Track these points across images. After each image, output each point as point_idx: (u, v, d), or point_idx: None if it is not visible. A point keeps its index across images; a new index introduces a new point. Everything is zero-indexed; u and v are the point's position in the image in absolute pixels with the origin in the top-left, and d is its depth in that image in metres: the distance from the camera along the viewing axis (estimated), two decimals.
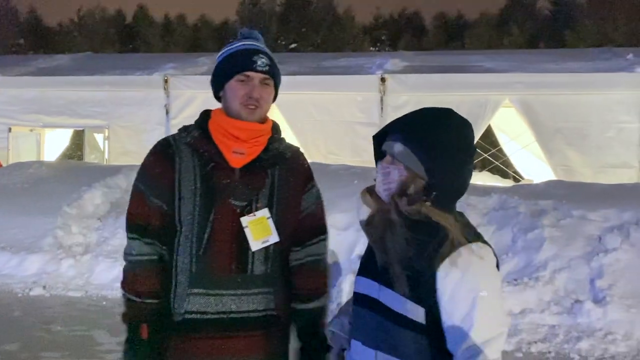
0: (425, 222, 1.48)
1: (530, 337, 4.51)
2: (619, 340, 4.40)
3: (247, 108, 1.79)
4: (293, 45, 28.59)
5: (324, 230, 1.95)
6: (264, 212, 1.79)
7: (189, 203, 1.76)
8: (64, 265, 6.25)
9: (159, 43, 28.42)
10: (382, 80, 8.88)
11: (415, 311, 1.46)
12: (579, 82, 8.48)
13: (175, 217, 1.78)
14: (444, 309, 1.45)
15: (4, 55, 18.64)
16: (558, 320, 4.62)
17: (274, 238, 1.79)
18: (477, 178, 10.23)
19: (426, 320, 1.46)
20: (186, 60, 11.54)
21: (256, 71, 1.79)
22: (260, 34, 1.95)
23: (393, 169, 1.53)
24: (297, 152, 1.94)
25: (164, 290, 1.80)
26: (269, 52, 1.86)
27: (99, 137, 10.57)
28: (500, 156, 10.99)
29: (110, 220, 6.84)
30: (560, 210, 5.44)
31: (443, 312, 1.45)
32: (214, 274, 1.76)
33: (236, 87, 1.79)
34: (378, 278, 1.55)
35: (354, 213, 1.68)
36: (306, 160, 1.96)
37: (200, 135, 1.82)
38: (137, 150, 8.98)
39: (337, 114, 9.15)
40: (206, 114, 1.88)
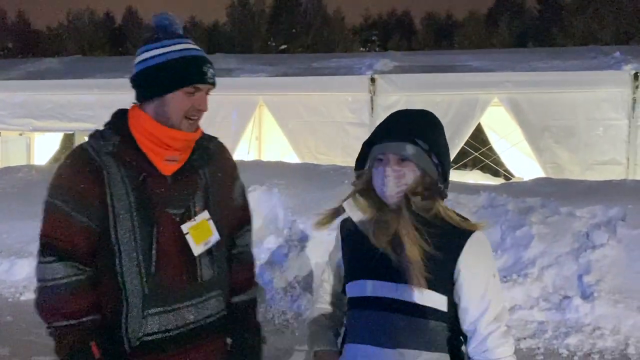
0: (435, 216, 1.59)
1: (520, 334, 4.56)
2: (607, 335, 4.45)
3: (191, 120, 1.68)
4: (283, 47, 28.59)
5: (250, 221, 1.94)
6: (204, 215, 1.72)
7: (126, 220, 1.61)
8: None
9: None
10: (372, 80, 8.92)
11: (438, 300, 1.57)
12: (567, 81, 8.55)
13: (110, 237, 1.62)
14: (464, 291, 1.58)
15: None
16: (547, 316, 4.67)
17: (215, 237, 1.73)
18: (468, 177, 10.29)
19: (447, 307, 1.58)
20: None
21: (206, 83, 1.68)
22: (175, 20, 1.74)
23: (407, 170, 1.59)
24: (220, 145, 1.86)
25: (104, 312, 1.64)
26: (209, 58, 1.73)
27: None
28: (491, 155, 11.05)
29: None
30: (548, 208, 5.49)
31: (462, 295, 1.58)
32: (169, 289, 1.65)
33: (183, 99, 1.65)
34: (391, 277, 1.58)
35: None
36: (229, 153, 1.91)
37: (123, 141, 1.66)
38: None
39: (327, 114, 9.17)
40: (122, 115, 1.73)
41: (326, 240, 4.65)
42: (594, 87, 8.44)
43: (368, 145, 1.67)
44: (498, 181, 9.88)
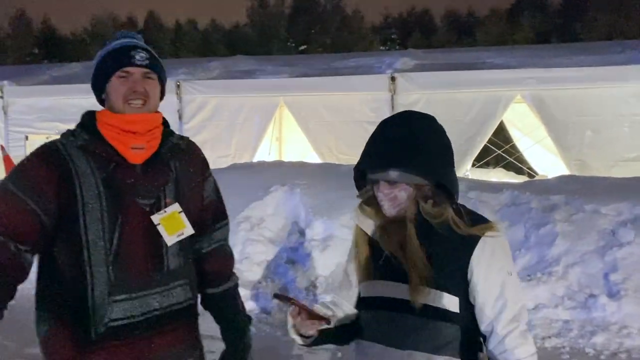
0: (443, 223, 1.58)
1: (544, 332, 4.51)
2: (635, 334, 4.38)
3: (132, 103, 1.75)
4: (303, 47, 28.67)
5: (226, 216, 2.02)
6: (175, 207, 1.78)
7: (95, 209, 1.68)
8: None
9: (170, 48, 28.67)
10: (392, 79, 8.87)
11: (450, 301, 1.57)
12: (591, 76, 8.40)
13: (80, 225, 1.67)
14: (478, 292, 1.57)
15: (19, 65, 18.94)
16: (572, 315, 4.61)
17: (189, 231, 1.80)
18: (491, 175, 10.19)
19: (459, 308, 1.58)
20: (197, 65, 11.62)
21: (136, 65, 1.76)
22: (140, 35, 1.92)
23: (398, 191, 1.61)
24: (191, 143, 1.94)
25: (69, 298, 1.69)
26: (148, 47, 1.84)
27: None
28: (514, 152, 10.92)
29: None
30: (572, 205, 5.42)
31: (477, 295, 1.57)
32: (133, 277, 1.71)
33: (118, 84, 1.76)
34: (401, 278, 1.60)
35: None
36: (200, 149, 1.97)
37: (92, 138, 1.75)
38: None
39: (347, 114, 9.16)
40: (90, 115, 1.82)
41: (348, 239, 4.65)
42: (621, 83, 8.27)
43: (359, 169, 1.69)
44: (521, 179, 9.76)
